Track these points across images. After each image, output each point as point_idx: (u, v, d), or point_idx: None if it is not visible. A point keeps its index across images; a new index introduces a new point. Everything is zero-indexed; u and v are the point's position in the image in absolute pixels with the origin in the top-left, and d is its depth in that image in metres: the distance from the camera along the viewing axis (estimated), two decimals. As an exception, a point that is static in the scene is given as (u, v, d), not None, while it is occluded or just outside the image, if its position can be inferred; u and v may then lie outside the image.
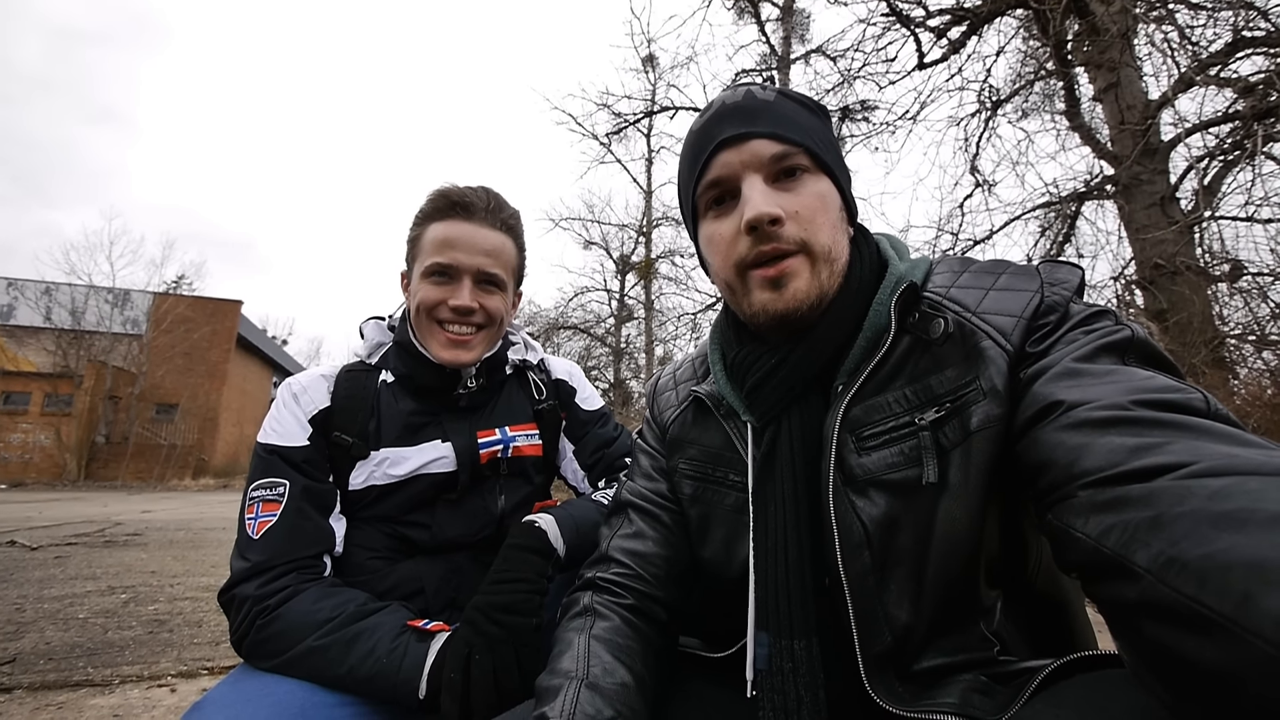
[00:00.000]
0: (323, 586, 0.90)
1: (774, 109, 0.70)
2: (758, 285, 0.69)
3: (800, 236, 0.67)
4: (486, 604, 0.84)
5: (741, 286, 0.71)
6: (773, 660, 0.63)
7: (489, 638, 0.81)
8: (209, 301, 25.77)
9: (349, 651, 0.81)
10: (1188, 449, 0.41)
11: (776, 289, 0.68)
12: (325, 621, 0.83)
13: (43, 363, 22.71)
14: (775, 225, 0.66)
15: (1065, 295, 0.63)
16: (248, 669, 0.85)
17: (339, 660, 0.81)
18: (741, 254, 0.69)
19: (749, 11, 10.01)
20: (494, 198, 1.07)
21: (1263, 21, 4.78)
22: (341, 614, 0.84)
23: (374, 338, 1.13)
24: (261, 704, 0.77)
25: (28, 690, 1.99)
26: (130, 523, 7.53)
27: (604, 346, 16.42)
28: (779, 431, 0.69)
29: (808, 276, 0.67)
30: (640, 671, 0.69)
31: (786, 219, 0.66)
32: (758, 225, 0.66)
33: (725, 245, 0.71)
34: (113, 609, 3.11)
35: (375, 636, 0.83)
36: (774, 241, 0.67)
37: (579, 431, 1.24)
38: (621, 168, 15.31)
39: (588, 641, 0.70)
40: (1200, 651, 0.34)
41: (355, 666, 0.80)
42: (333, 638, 0.82)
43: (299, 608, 0.85)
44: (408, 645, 0.82)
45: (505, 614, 0.83)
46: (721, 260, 0.72)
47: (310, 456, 0.98)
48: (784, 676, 0.62)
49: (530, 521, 0.95)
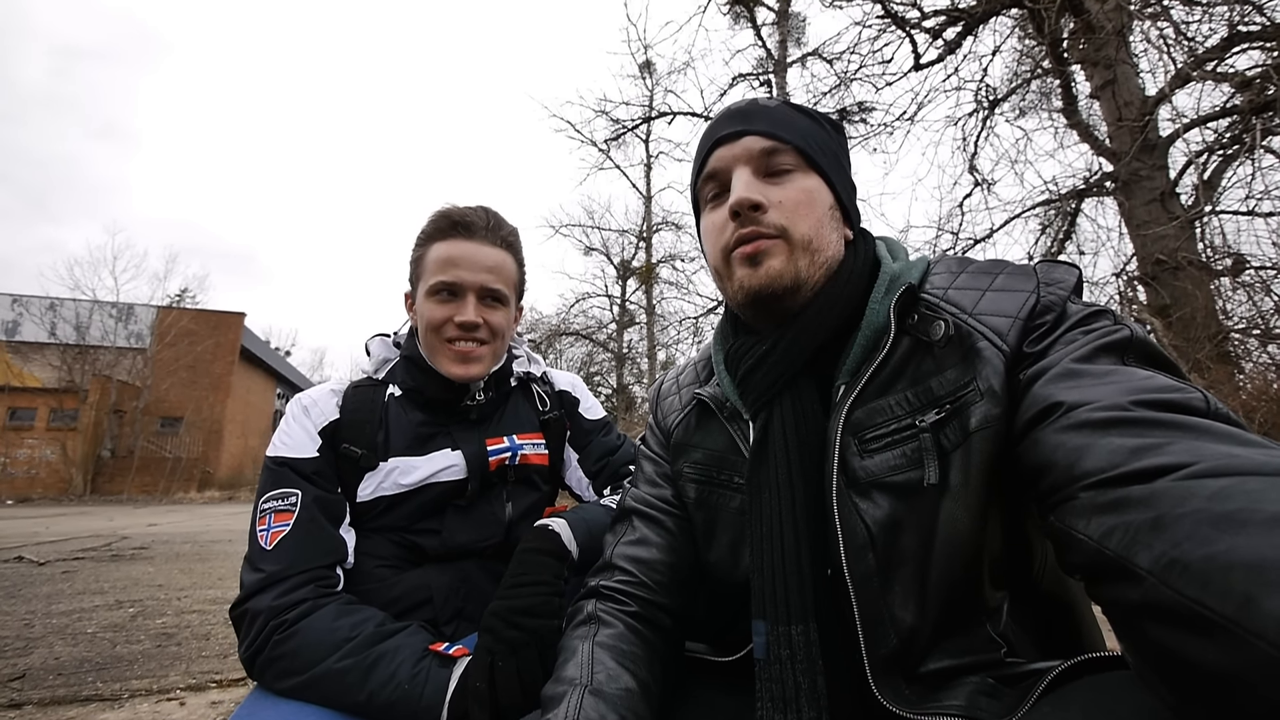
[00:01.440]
0: (340, 603, 0.88)
1: (772, 113, 0.75)
2: (737, 263, 0.73)
3: (780, 223, 0.70)
4: (505, 609, 0.83)
5: (726, 270, 0.75)
6: (770, 648, 0.63)
7: (510, 642, 0.80)
8: (212, 314, 25.88)
9: (369, 676, 0.79)
10: (1188, 449, 0.41)
11: (753, 265, 0.71)
12: (345, 641, 0.81)
13: (48, 378, 22.79)
14: (757, 211, 0.70)
15: (1062, 295, 0.63)
16: (263, 696, 0.82)
17: (358, 685, 0.79)
18: (727, 240, 0.73)
19: (744, 16, 10.06)
20: (493, 216, 1.09)
21: (1258, 16, 4.80)
22: (361, 634, 0.83)
23: (380, 354, 1.16)
24: None
25: (38, 705, 2.00)
26: (136, 536, 7.55)
27: (606, 352, 16.44)
28: (770, 417, 0.71)
29: (783, 257, 0.70)
30: (645, 678, 0.69)
31: (769, 206, 0.70)
32: (740, 210, 0.70)
33: (715, 232, 0.75)
34: (121, 623, 3.12)
35: (396, 660, 0.81)
36: (754, 225, 0.70)
37: (583, 440, 1.26)
38: (621, 174, 15.38)
39: (591, 648, 0.70)
40: (1203, 653, 0.34)
41: (376, 692, 0.78)
42: (353, 660, 0.80)
43: (317, 624, 0.83)
44: (429, 671, 0.81)
45: (526, 617, 0.82)
46: (711, 247, 0.76)
47: (320, 468, 0.99)
48: (781, 664, 0.62)
49: (543, 525, 0.95)
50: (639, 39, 15.79)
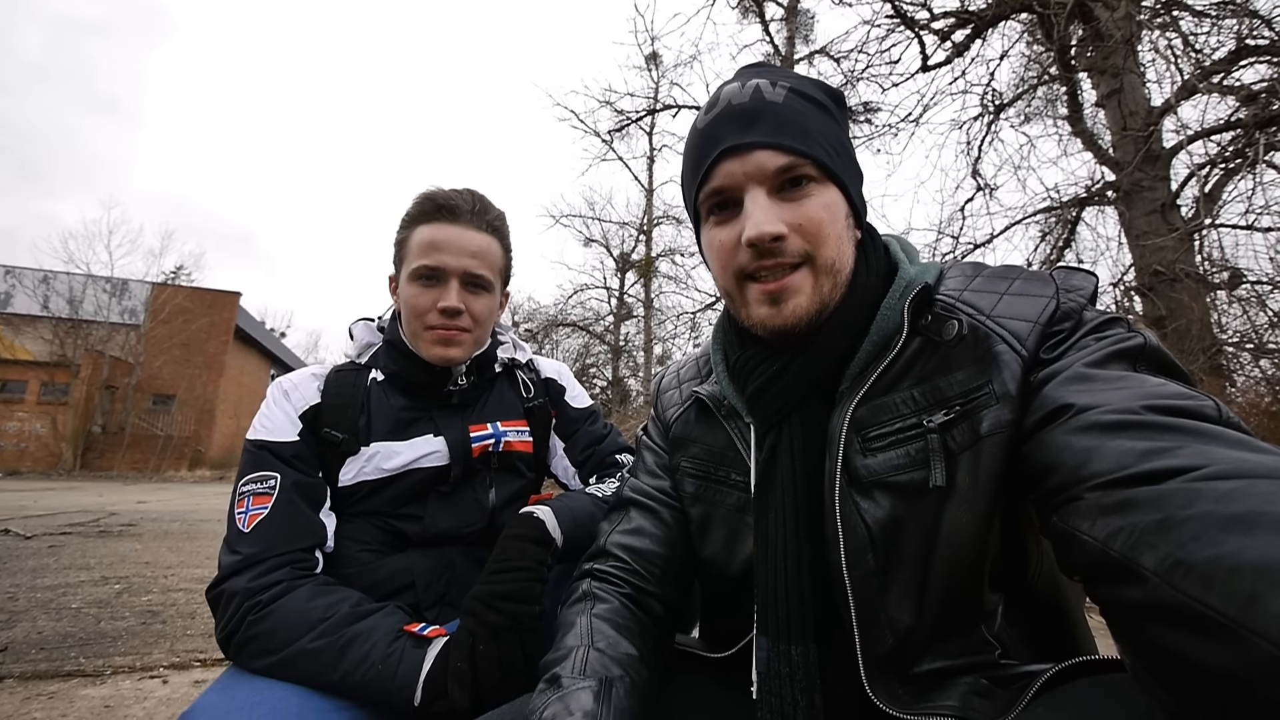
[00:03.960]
0: (316, 584, 0.89)
1: (781, 112, 0.66)
2: (756, 299, 0.68)
3: (804, 249, 0.66)
4: (488, 593, 0.84)
5: (741, 296, 0.70)
6: (771, 664, 0.64)
7: (492, 626, 0.81)
8: (207, 292, 25.73)
9: (343, 656, 0.80)
10: (1198, 453, 0.41)
11: (775, 305, 0.67)
12: (319, 621, 0.82)
13: (39, 351, 22.64)
14: (778, 242, 0.65)
15: (1080, 302, 0.62)
16: (237, 673, 0.83)
17: (332, 664, 0.79)
18: (742, 264, 0.68)
19: (753, 11, 10.00)
20: (479, 200, 1.07)
21: (1266, 30, 4.80)
22: (336, 614, 0.83)
23: (363, 338, 1.15)
24: (255, 711, 0.75)
25: (19, 679, 1.99)
26: (125, 513, 7.52)
27: (603, 344, 16.42)
28: (780, 437, 0.69)
29: (809, 292, 0.66)
30: (642, 647, 0.70)
31: (790, 233, 0.65)
32: (758, 244, 0.65)
33: (726, 254, 0.69)
34: (106, 599, 3.10)
35: (370, 641, 0.81)
36: (776, 256, 0.66)
37: (569, 429, 1.26)
38: (623, 165, 15.33)
39: (590, 620, 0.71)
40: (1204, 654, 0.33)
41: (349, 672, 0.79)
42: (327, 640, 0.80)
43: (291, 605, 0.83)
44: (403, 651, 0.81)
45: (507, 602, 0.83)
46: (721, 268, 0.71)
47: (300, 452, 0.98)
48: (781, 680, 0.63)
49: (529, 512, 0.96)
50: (646, 30, 15.65)
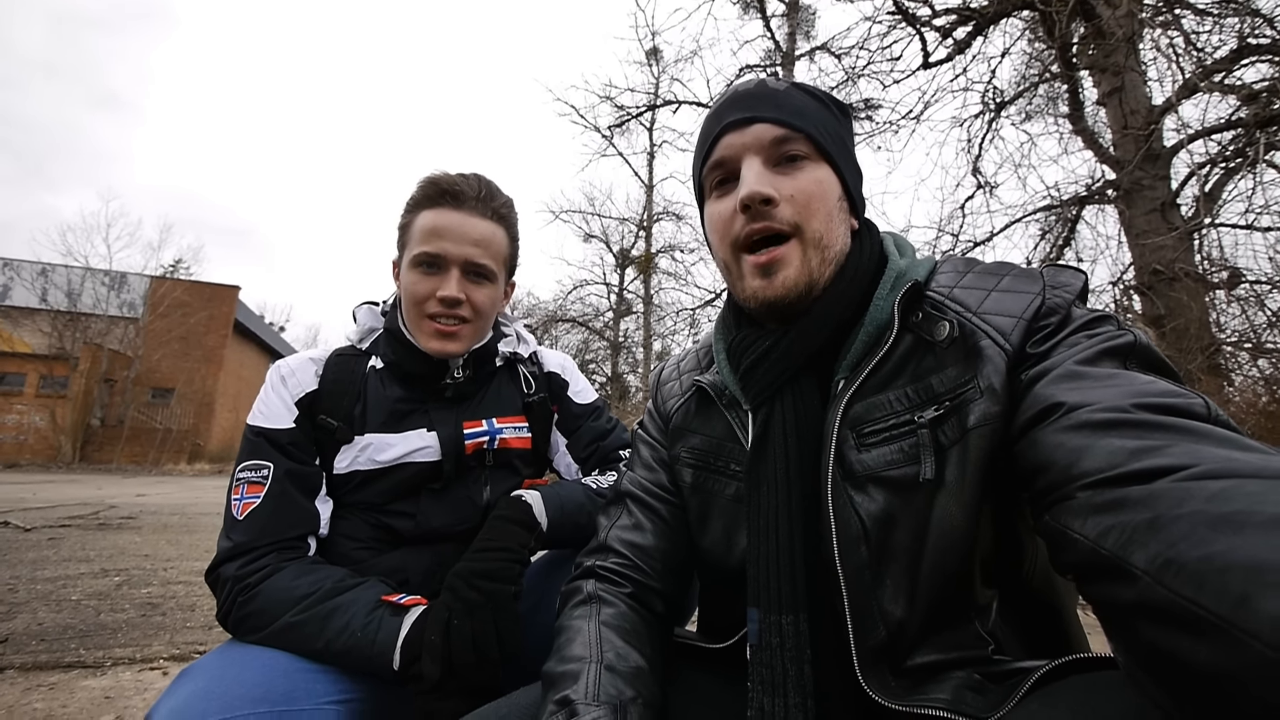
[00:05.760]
0: (302, 564, 0.91)
1: (781, 97, 0.72)
2: (749, 272, 0.71)
3: (793, 219, 0.69)
4: (468, 570, 0.88)
5: (736, 269, 0.73)
6: (761, 635, 0.65)
7: (468, 602, 0.85)
8: (206, 286, 25.61)
9: (325, 626, 0.83)
10: (1188, 452, 0.41)
11: (766, 276, 0.70)
12: (303, 597, 0.85)
13: (38, 344, 22.57)
14: (768, 205, 0.68)
15: (1067, 298, 0.63)
16: (235, 641, 0.87)
17: (315, 635, 0.83)
18: (736, 232, 0.71)
19: (754, 7, 9.97)
20: (485, 185, 1.05)
21: (1268, 29, 4.78)
22: (318, 590, 0.86)
23: (366, 322, 1.13)
24: (249, 664, 0.80)
25: (19, 670, 1.99)
26: (124, 506, 7.52)
27: (602, 340, 16.41)
28: (772, 412, 0.71)
29: (797, 264, 0.69)
30: (650, 656, 0.70)
31: (781, 200, 0.68)
32: (751, 204, 0.68)
33: (723, 224, 0.73)
34: (106, 591, 3.11)
35: (350, 611, 0.85)
36: (766, 220, 0.69)
37: (572, 425, 1.23)
38: (623, 161, 15.31)
39: (597, 628, 0.71)
40: (1196, 653, 0.33)
41: (331, 640, 0.83)
42: (310, 613, 0.84)
43: (277, 584, 0.87)
44: (382, 620, 0.84)
45: (485, 580, 0.87)
46: (719, 239, 0.74)
47: (295, 439, 0.98)
48: (771, 651, 0.63)
49: (517, 496, 0.97)
50: (647, 25, 15.64)
